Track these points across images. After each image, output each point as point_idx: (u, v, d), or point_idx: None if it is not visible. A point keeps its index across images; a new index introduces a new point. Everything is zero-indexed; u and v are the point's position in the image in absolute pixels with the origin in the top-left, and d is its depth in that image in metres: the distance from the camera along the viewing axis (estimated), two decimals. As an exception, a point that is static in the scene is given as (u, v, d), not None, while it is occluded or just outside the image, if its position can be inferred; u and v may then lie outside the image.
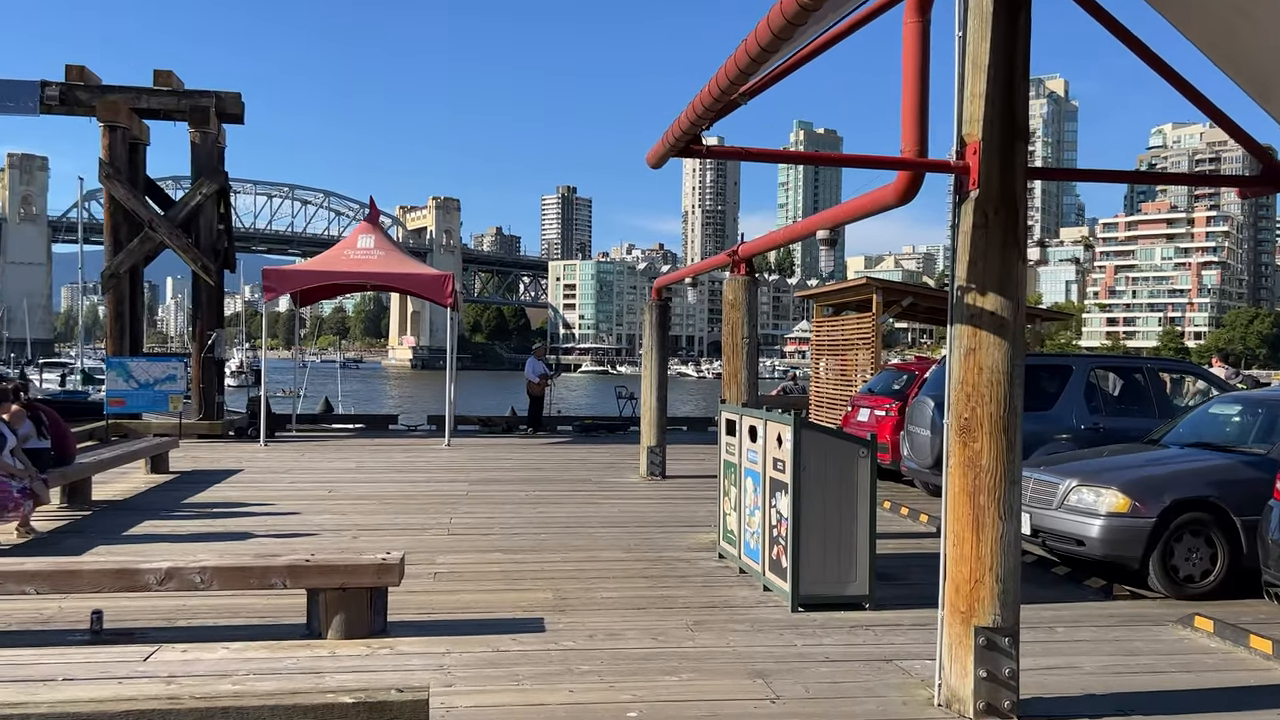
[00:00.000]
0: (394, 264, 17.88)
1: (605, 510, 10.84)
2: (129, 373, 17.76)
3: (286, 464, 14.70)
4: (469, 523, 9.98)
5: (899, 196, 5.60)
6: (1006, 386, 4.79)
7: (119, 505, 10.81)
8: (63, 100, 18.39)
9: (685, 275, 12.02)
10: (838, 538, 6.87)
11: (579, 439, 19.32)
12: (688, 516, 10.47)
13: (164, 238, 18.48)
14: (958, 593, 4.89)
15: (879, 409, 13.37)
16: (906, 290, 17.14)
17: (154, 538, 9.03)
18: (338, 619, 5.91)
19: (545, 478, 13.43)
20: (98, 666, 5.32)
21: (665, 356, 13.84)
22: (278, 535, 9.19)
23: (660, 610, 6.77)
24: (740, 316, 9.39)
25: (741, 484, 7.89)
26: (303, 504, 10.93)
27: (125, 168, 18.62)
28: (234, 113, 19.15)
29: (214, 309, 19.10)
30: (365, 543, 8.85)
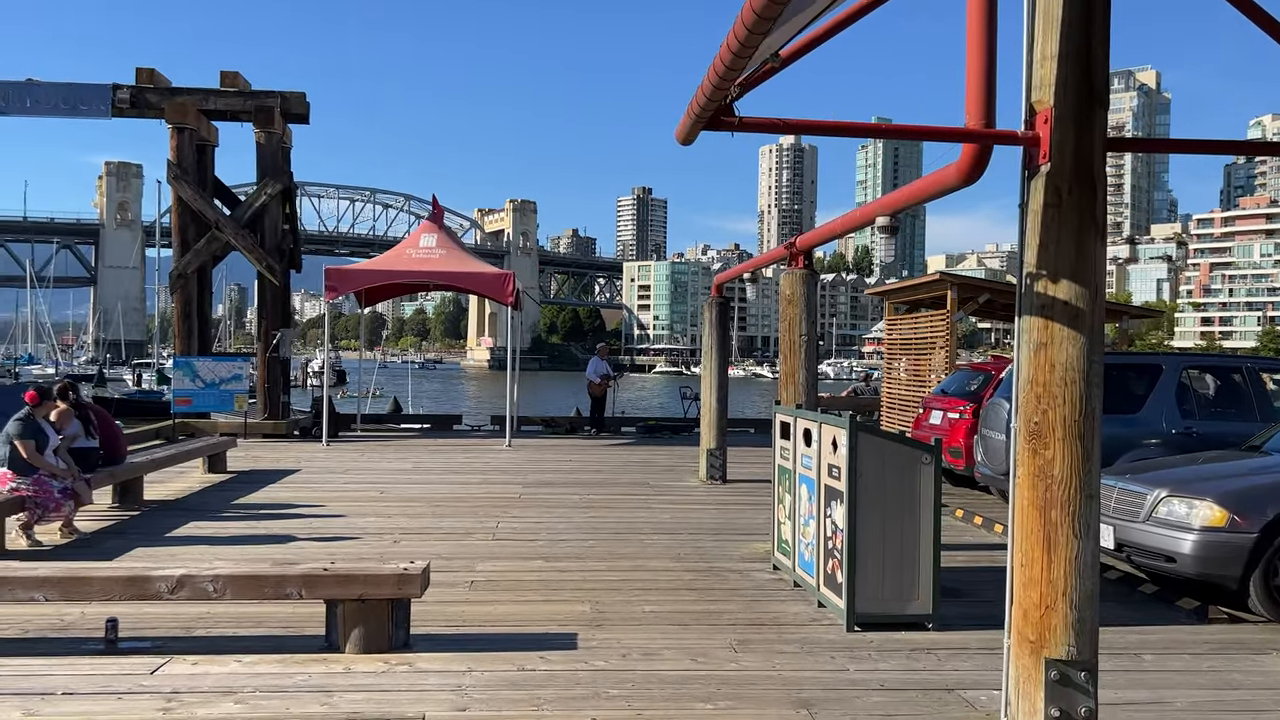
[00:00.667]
0: (455, 263, 17.68)
1: (658, 516, 10.39)
2: (195, 372, 17.93)
3: (345, 464, 14.57)
4: (515, 527, 9.63)
5: (963, 175, 5.04)
6: (1082, 386, 4.21)
7: (169, 505, 10.72)
8: (133, 103, 18.63)
9: (744, 270, 11.51)
10: (898, 551, 6.31)
11: (641, 440, 18.91)
12: (745, 524, 9.97)
13: (230, 238, 18.60)
14: (1026, 620, 4.32)
15: (952, 411, 12.67)
16: (983, 286, 16.33)
17: (194, 539, 8.86)
18: (356, 632, 5.57)
19: (601, 480, 13.04)
20: (102, 680, 5.06)
21: (726, 355, 13.33)
22: (319, 539, 8.95)
23: (704, 627, 6.30)
24: (798, 313, 8.84)
25: (796, 491, 7.37)
26: (352, 506, 10.71)
27: (193, 169, 18.78)
28: (299, 112, 19.19)
29: (279, 309, 19.16)
30: (405, 548, 8.55)
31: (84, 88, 18.61)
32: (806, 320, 8.85)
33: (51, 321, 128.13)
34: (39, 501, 8.37)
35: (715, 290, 13.36)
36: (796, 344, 8.85)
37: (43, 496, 8.38)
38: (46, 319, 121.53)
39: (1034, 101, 4.34)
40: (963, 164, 4.91)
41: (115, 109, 18.57)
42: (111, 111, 18.58)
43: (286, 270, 19.73)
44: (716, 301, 13.25)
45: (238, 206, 19.29)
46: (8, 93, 18.46)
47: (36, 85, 18.62)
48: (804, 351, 8.87)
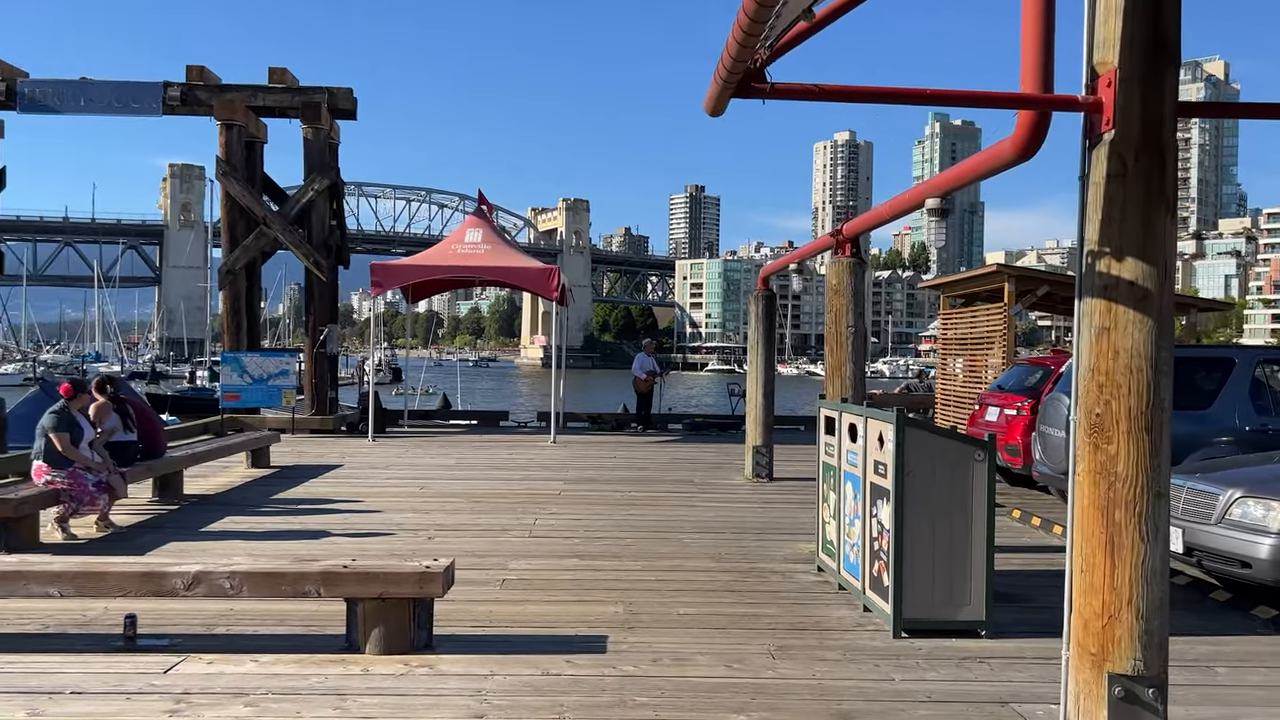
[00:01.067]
0: (500, 258, 17.53)
1: (700, 514, 10.08)
2: (243, 368, 17.99)
3: (388, 460, 14.48)
4: (553, 524, 9.39)
5: (1018, 149, 4.67)
6: (1150, 375, 3.83)
7: (209, 500, 10.67)
8: (184, 100, 18.76)
9: (791, 261, 11.14)
10: (948, 553, 5.94)
11: (688, 437, 18.59)
12: (790, 523, 9.62)
13: (277, 234, 18.65)
14: (1086, 630, 3.95)
15: (1009, 407, 12.18)
16: (1042, 278, 15.74)
17: (228, 534, 8.75)
18: (376, 632, 5.35)
19: (644, 478, 12.76)
20: (114, 679, 4.90)
21: (773, 350, 12.97)
22: (353, 534, 8.79)
23: (741, 631, 5.99)
24: (845, 303, 8.48)
25: (841, 489, 7.03)
26: (390, 501, 10.56)
27: (241, 165, 18.87)
28: (346, 108, 19.19)
29: (326, 305, 19.19)
30: (439, 545, 8.35)
31: (136, 86, 18.79)
32: (854, 311, 8.48)
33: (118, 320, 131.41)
34: (74, 495, 8.31)
35: (762, 283, 13.00)
36: (843, 336, 8.49)
37: (77, 490, 8.33)
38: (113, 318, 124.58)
39: (1096, 63, 3.97)
40: (1018, 136, 4.55)
41: (166, 106, 18.72)
42: (162, 109, 18.73)
43: (334, 266, 19.75)
44: (763, 294, 12.89)
45: (285, 202, 19.34)
46: (62, 92, 18.69)
47: (90, 84, 18.84)
48: (851, 344, 8.50)
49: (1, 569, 5.27)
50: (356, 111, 19.64)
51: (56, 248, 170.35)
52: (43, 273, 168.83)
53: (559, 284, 16.98)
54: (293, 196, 19.11)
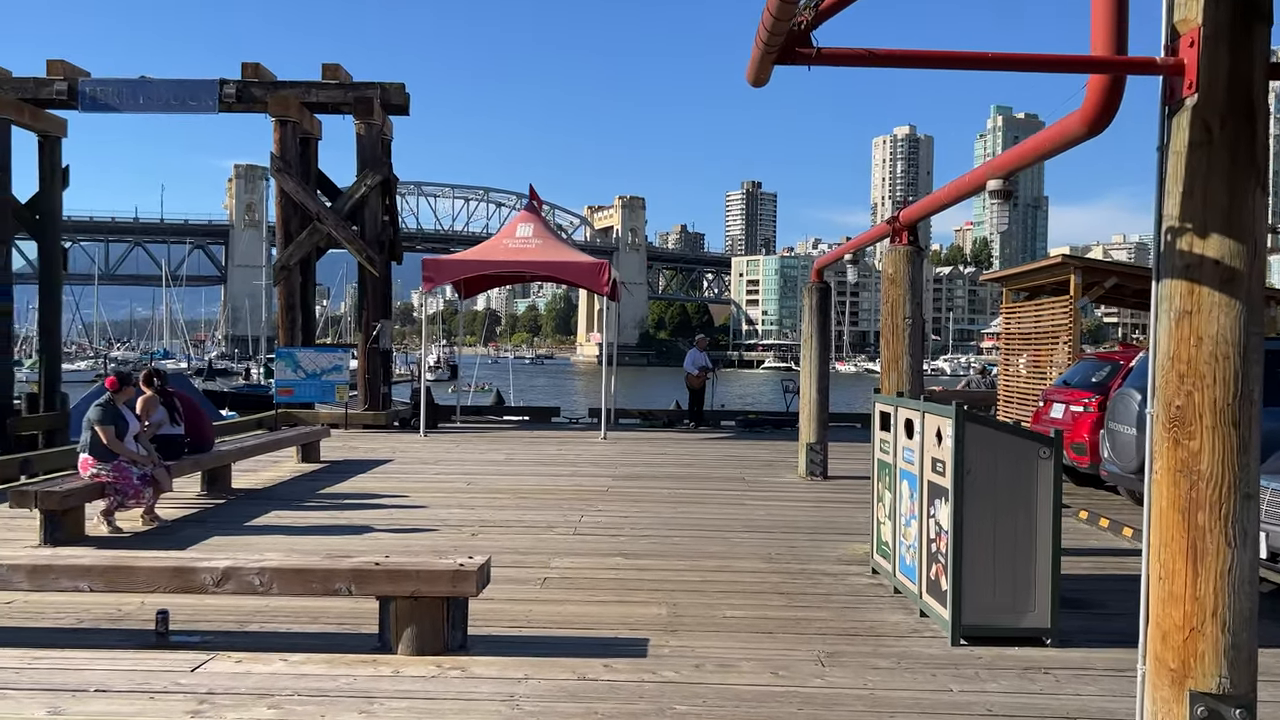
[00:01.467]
0: (551, 252, 17.37)
1: (750, 512, 9.79)
2: (297, 363, 18.07)
3: (437, 455, 14.40)
4: (599, 521, 9.17)
5: (1088, 121, 4.33)
6: (1237, 363, 3.47)
7: (256, 494, 10.63)
8: (239, 97, 18.89)
9: (845, 251, 10.80)
10: (1010, 556, 5.59)
11: (741, 434, 18.27)
12: (844, 523, 9.28)
13: (330, 229, 18.71)
14: (1165, 644, 3.60)
15: (1075, 404, 11.69)
16: (1110, 270, 15.14)
17: (271, 529, 8.68)
18: (409, 632, 5.17)
19: (694, 475, 12.49)
20: (140, 677, 4.78)
21: (827, 344, 12.62)
22: (397, 530, 8.66)
23: (790, 636, 5.70)
24: (901, 294, 8.13)
25: (897, 488, 6.70)
26: (437, 497, 10.44)
27: (296, 162, 18.96)
28: (398, 104, 19.17)
29: (379, 300, 19.20)
30: (482, 541, 8.18)
31: (192, 84, 18.98)
32: (911, 301, 8.13)
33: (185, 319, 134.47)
34: (118, 488, 8.29)
35: (816, 275, 12.66)
36: (900, 327, 8.14)
37: (122, 483, 8.30)
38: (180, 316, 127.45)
39: (1177, 21, 3.62)
40: (1088, 107, 4.21)
41: (222, 104, 18.87)
42: (218, 106, 18.89)
43: (388, 262, 19.77)
44: (817, 287, 12.55)
45: (338, 198, 19.40)
46: (122, 91, 18.95)
47: (149, 82, 19.07)
48: (908, 336, 8.15)
49: (32, 563, 5.19)
50: (409, 106, 19.62)
51: (127, 248, 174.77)
52: (114, 272, 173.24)
53: (609, 278, 16.78)
54: (345, 192, 19.16)
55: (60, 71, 19.00)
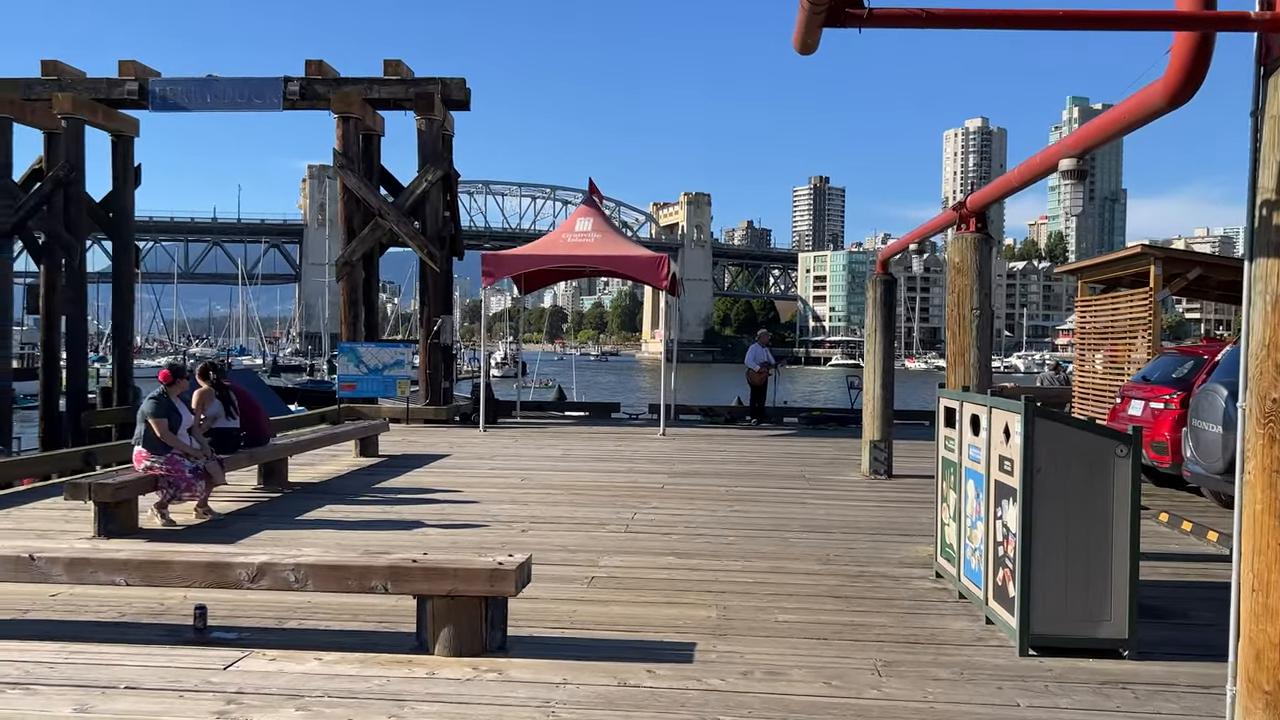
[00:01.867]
0: (610, 246, 17.18)
1: (810, 511, 9.46)
2: (359, 358, 18.18)
3: (495, 450, 14.31)
4: (652, 519, 8.93)
5: (1171, 90, 3.98)
6: (1345, 351, 3.10)
7: (311, 488, 10.62)
8: (303, 95, 19.07)
9: (910, 240, 10.41)
10: (1084, 561, 5.22)
11: (804, 432, 17.88)
12: (907, 523, 8.91)
13: (392, 225, 18.78)
14: (1259, 663, 3.25)
15: (1155, 400, 11.12)
16: (1193, 260, 14.43)
17: (322, 523, 8.61)
18: (446, 631, 4.99)
19: (753, 472, 12.18)
20: (172, 674, 4.67)
21: (891, 339, 12.20)
22: (447, 525, 8.53)
23: (845, 643, 5.40)
24: (968, 283, 7.73)
25: (962, 488, 6.34)
26: (490, 492, 10.31)
27: (359, 158, 19.07)
28: (459, 99, 19.17)
29: (440, 296, 19.23)
30: (531, 538, 8.01)
31: (258, 82, 19.21)
32: (979, 291, 7.73)
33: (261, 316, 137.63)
34: (171, 481, 8.30)
35: (880, 267, 12.25)
36: (967, 319, 7.75)
37: (175, 476, 8.31)
38: (256, 314, 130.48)
39: (1274, -29, 3.26)
40: (1172, 73, 3.86)
41: (286, 101, 19.07)
42: (283, 104, 19.08)
43: (449, 257, 19.80)
44: (881, 279, 12.15)
45: (400, 194, 19.47)
46: (190, 90, 19.26)
47: (216, 81, 19.35)
48: (975, 328, 7.75)
49: (70, 556, 5.13)
50: (469, 101, 19.61)
51: (205, 247, 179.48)
52: (193, 271, 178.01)
53: (668, 272, 16.53)
54: (407, 188, 19.21)
55: (131, 72, 19.39)
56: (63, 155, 19.29)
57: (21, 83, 19.39)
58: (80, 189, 19.59)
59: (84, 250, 19.69)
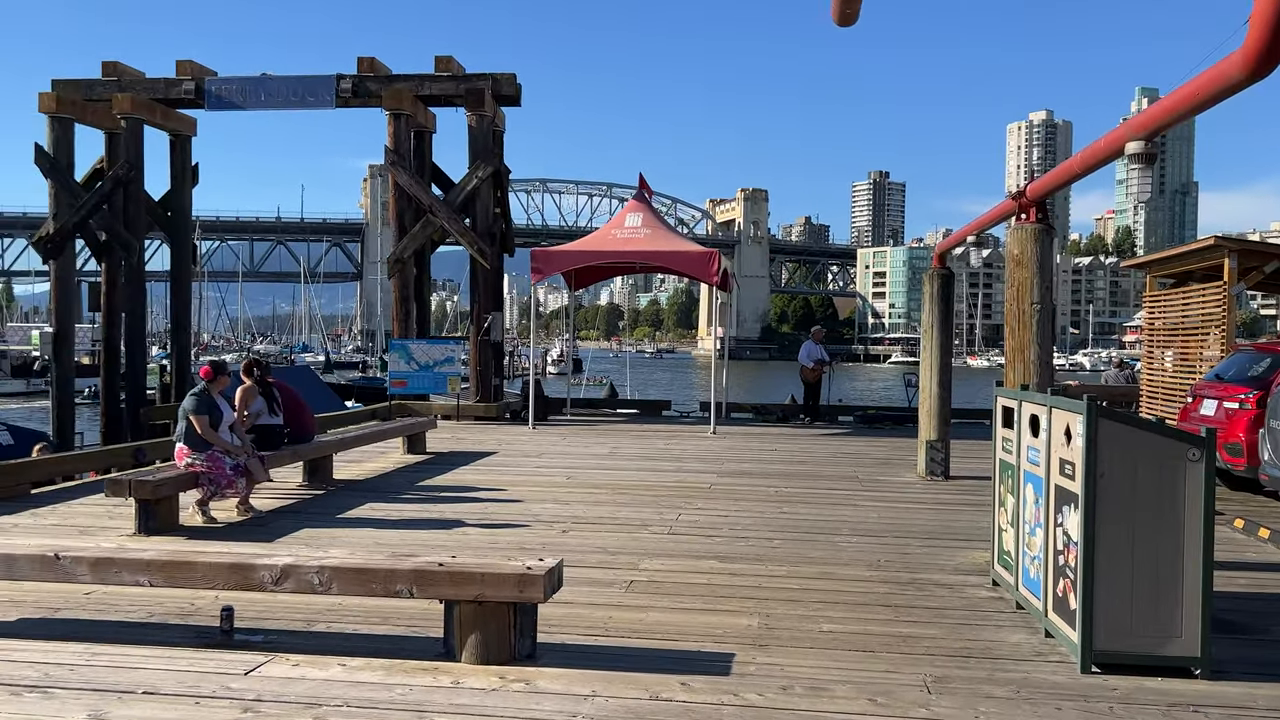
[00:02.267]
0: (660, 242, 16.95)
1: (862, 514, 9.13)
2: (410, 355, 18.18)
3: (542, 448, 14.16)
4: (697, 520, 8.68)
5: (1251, 61, 3.66)
6: None
7: (356, 486, 10.55)
8: (355, 92, 19.13)
9: (968, 233, 10.01)
10: (1152, 572, 4.86)
11: (859, 430, 17.47)
12: (964, 528, 8.55)
13: (443, 222, 18.75)
14: (1353, 695, 2.91)
15: (1230, 400, 10.58)
16: (1271, 253, 13.75)
17: (362, 522, 8.51)
18: (473, 638, 4.81)
19: (805, 472, 11.85)
20: (192, 679, 4.55)
21: (949, 335, 11.79)
22: (486, 525, 8.38)
23: (894, 656, 5.10)
24: (1029, 276, 7.35)
25: (1020, 491, 6.00)
26: (534, 491, 10.15)
27: (409, 155, 19.08)
28: (509, 94, 19.08)
29: (490, 292, 19.15)
30: (571, 539, 7.82)
31: (310, 79, 19.32)
32: (1039, 285, 7.35)
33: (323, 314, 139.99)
34: (212, 478, 8.26)
35: (938, 260, 11.85)
36: (1026, 313, 7.38)
37: (215, 473, 8.26)
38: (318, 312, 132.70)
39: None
40: (1252, 42, 3.53)
41: (338, 99, 19.14)
42: (335, 101, 19.16)
43: (499, 254, 19.73)
44: (939, 274, 11.74)
45: (450, 190, 19.44)
46: (245, 88, 19.44)
47: (269, 79, 19.50)
48: (1036, 323, 7.37)
49: (95, 556, 5.05)
50: (520, 97, 19.53)
51: (270, 246, 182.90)
52: (258, 269, 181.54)
53: (719, 268, 16.24)
54: (457, 184, 19.17)
55: (188, 71, 19.62)
56: (122, 155, 19.59)
57: (83, 84, 19.74)
58: (139, 188, 19.89)
59: (143, 248, 20.00)
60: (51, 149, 19.43)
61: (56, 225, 19.31)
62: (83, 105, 19.69)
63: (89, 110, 19.77)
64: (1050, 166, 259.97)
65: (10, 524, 8.20)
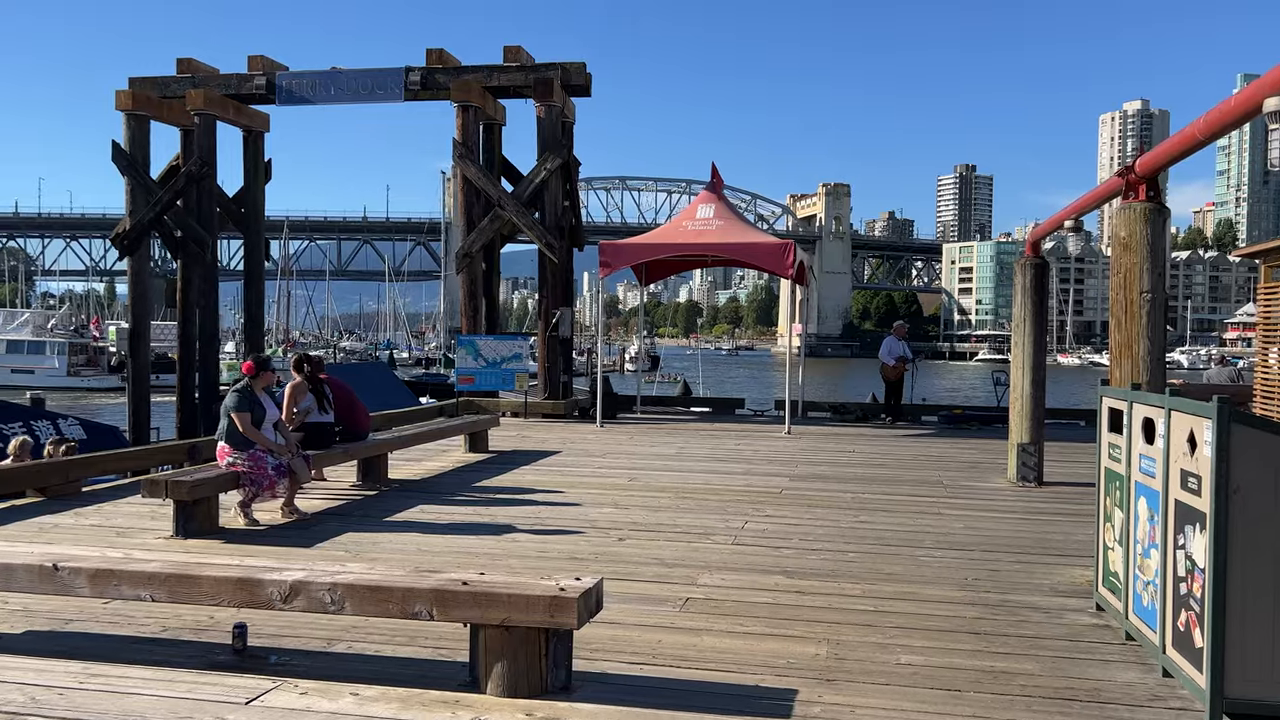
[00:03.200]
0: (732, 234, 16.27)
1: (947, 524, 8.37)
2: (478, 351, 17.84)
3: (608, 447, 13.64)
4: (765, 529, 8.03)
5: None
6: None
7: (410, 486, 10.15)
8: (424, 85, 18.87)
9: (1066, 216, 9.15)
10: (1299, 609, 4.08)
11: (943, 431, 16.55)
12: (1060, 541, 7.74)
13: (511, 215, 18.36)
14: None
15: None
16: (1406, 240, 12.46)
17: (410, 525, 8.07)
18: (499, 667, 4.27)
19: (885, 477, 11.09)
20: (188, 706, 4.09)
21: (1042, 329, 10.90)
22: (539, 530, 7.86)
23: (983, 696, 4.41)
24: (1137, 262, 6.53)
25: (1131, 506, 5.23)
26: (593, 494, 9.62)
27: (477, 148, 18.74)
28: (578, 84, 18.61)
29: (559, 287, 18.70)
30: (628, 547, 7.25)
31: (379, 73, 19.11)
32: (1151, 272, 6.53)
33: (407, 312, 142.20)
34: (253, 478, 7.89)
35: (1030, 249, 10.96)
36: (1135, 304, 6.56)
37: (257, 473, 7.90)
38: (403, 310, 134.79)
39: None
40: None
41: (407, 92, 18.90)
42: (404, 94, 18.93)
43: (570, 248, 19.28)
44: (1032, 262, 10.86)
45: (518, 184, 19.05)
46: (315, 82, 19.32)
47: (339, 74, 19.36)
48: (1146, 314, 6.55)
49: (95, 567, 4.64)
50: (590, 87, 19.04)
51: (356, 245, 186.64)
52: (345, 268, 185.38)
53: (794, 260, 15.50)
54: (525, 177, 18.76)
55: (260, 67, 19.60)
56: (196, 151, 19.66)
57: (159, 81, 19.86)
58: (212, 184, 19.94)
59: (215, 244, 20.05)
60: (128, 146, 19.60)
61: (132, 222, 19.46)
62: (159, 103, 19.81)
63: (165, 108, 19.88)
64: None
65: (51, 524, 7.97)
